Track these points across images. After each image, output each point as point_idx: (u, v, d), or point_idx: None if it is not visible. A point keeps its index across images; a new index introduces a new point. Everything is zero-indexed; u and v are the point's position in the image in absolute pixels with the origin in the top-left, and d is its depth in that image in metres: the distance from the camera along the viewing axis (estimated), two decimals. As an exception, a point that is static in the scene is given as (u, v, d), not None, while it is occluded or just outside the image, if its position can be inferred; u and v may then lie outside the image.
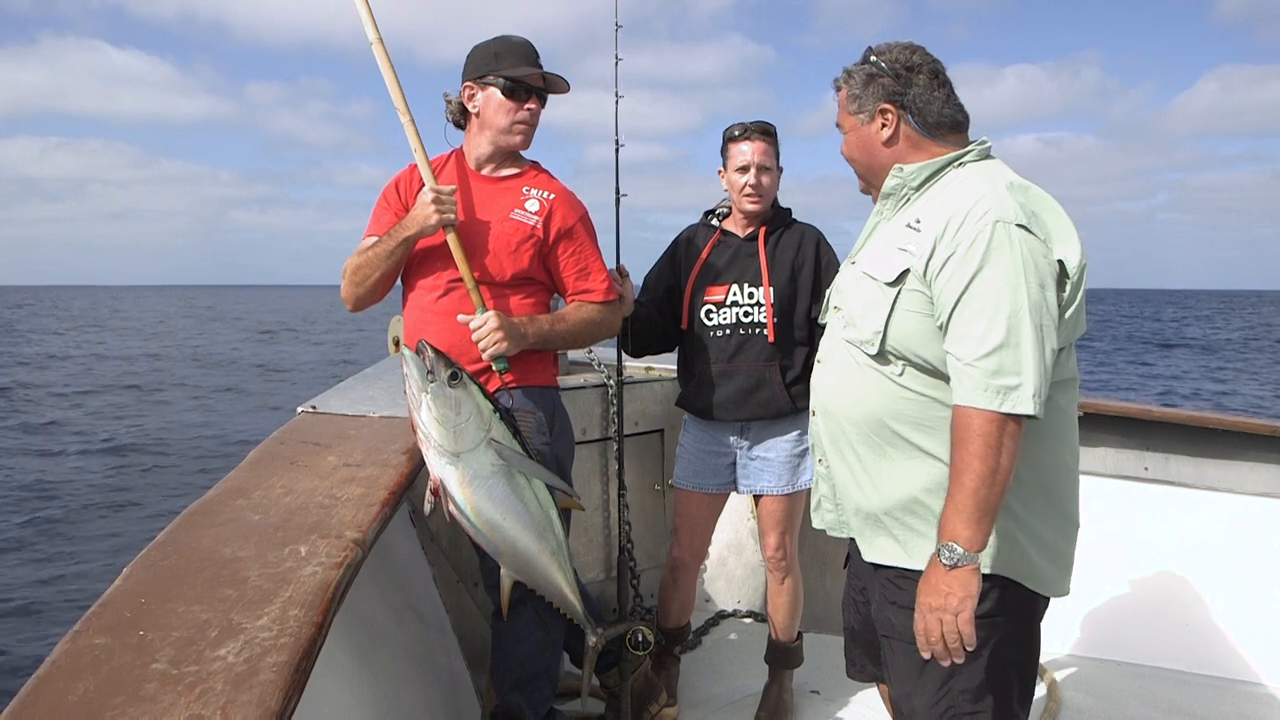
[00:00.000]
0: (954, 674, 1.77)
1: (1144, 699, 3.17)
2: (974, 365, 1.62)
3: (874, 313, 1.79)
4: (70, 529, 8.94)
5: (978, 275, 1.64)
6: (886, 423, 1.80)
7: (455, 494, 2.05)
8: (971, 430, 1.62)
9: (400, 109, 2.42)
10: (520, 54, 2.45)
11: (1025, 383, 1.60)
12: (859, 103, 1.88)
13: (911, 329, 1.74)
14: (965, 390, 1.64)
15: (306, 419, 2.62)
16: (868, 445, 1.84)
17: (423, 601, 2.84)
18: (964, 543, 1.62)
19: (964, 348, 1.65)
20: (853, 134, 1.92)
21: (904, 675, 1.86)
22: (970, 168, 1.83)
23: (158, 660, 1.28)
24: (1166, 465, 3.56)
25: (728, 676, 3.30)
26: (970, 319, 1.64)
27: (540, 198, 2.49)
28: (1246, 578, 3.38)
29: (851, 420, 1.85)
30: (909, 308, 1.74)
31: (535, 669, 2.42)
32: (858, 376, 1.84)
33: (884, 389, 1.80)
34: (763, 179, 2.80)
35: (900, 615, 1.82)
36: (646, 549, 3.51)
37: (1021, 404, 1.60)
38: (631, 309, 2.81)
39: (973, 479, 1.61)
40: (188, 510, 1.82)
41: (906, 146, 1.87)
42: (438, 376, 1.98)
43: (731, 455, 2.92)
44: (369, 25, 2.40)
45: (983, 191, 1.72)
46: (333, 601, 1.50)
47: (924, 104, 1.84)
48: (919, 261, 1.72)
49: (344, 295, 2.51)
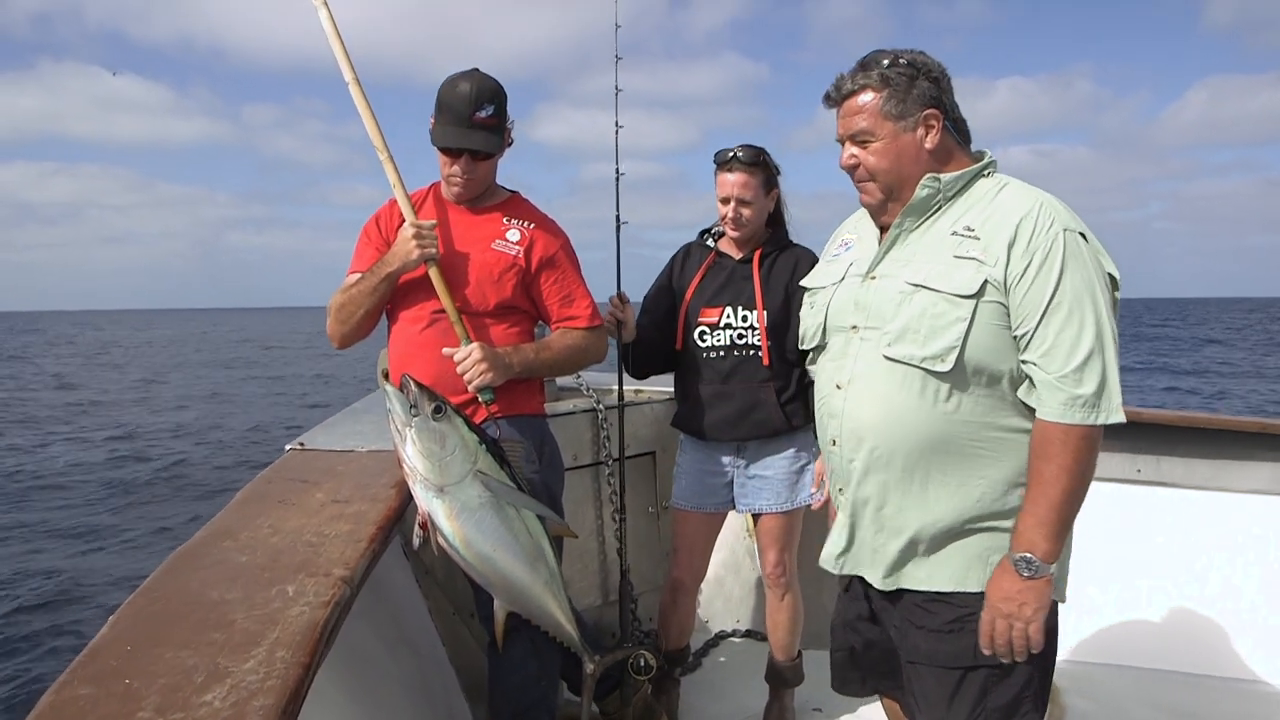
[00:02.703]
0: (987, 693, 1.77)
1: (1147, 702, 3.16)
2: (1065, 378, 1.62)
3: (945, 327, 1.69)
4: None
5: (1060, 284, 1.63)
6: (938, 447, 1.73)
7: (444, 527, 2.05)
8: (1064, 445, 1.62)
9: (379, 147, 2.43)
10: (452, 114, 2.38)
11: (1114, 391, 1.62)
12: (902, 107, 1.74)
13: (990, 342, 1.69)
14: (1055, 405, 1.63)
15: (295, 456, 2.62)
16: (913, 472, 1.76)
17: (418, 634, 2.82)
18: (1041, 555, 1.64)
19: (1053, 360, 1.63)
20: (888, 142, 1.77)
21: (936, 701, 1.82)
22: (997, 176, 1.81)
23: (144, 709, 1.27)
24: (1158, 466, 3.57)
25: (728, 697, 3.28)
26: (1059, 328, 1.63)
27: (521, 227, 2.50)
28: (1243, 576, 3.38)
29: (899, 448, 1.75)
30: (991, 320, 1.68)
31: (532, 699, 2.41)
32: (907, 399, 1.73)
33: (936, 413, 1.72)
34: (742, 211, 2.79)
35: (930, 640, 1.80)
36: (642, 572, 3.50)
37: (1114, 413, 1.62)
38: (634, 334, 2.82)
39: (1059, 493, 1.62)
40: (174, 554, 1.82)
41: (945, 155, 1.79)
42: (421, 410, 1.98)
43: (729, 474, 2.92)
44: (345, 67, 2.43)
45: (1038, 199, 1.70)
46: (320, 641, 1.49)
47: (957, 111, 1.81)
48: (996, 270, 1.66)
49: (330, 333, 2.51)
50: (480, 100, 2.38)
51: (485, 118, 2.39)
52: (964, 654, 1.76)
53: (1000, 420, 1.72)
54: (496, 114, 2.41)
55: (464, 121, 2.38)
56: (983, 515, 1.74)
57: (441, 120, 2.41)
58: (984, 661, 1.75)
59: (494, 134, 2.42)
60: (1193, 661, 3.35)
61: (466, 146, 2.39)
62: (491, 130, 2.42)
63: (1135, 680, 3.31)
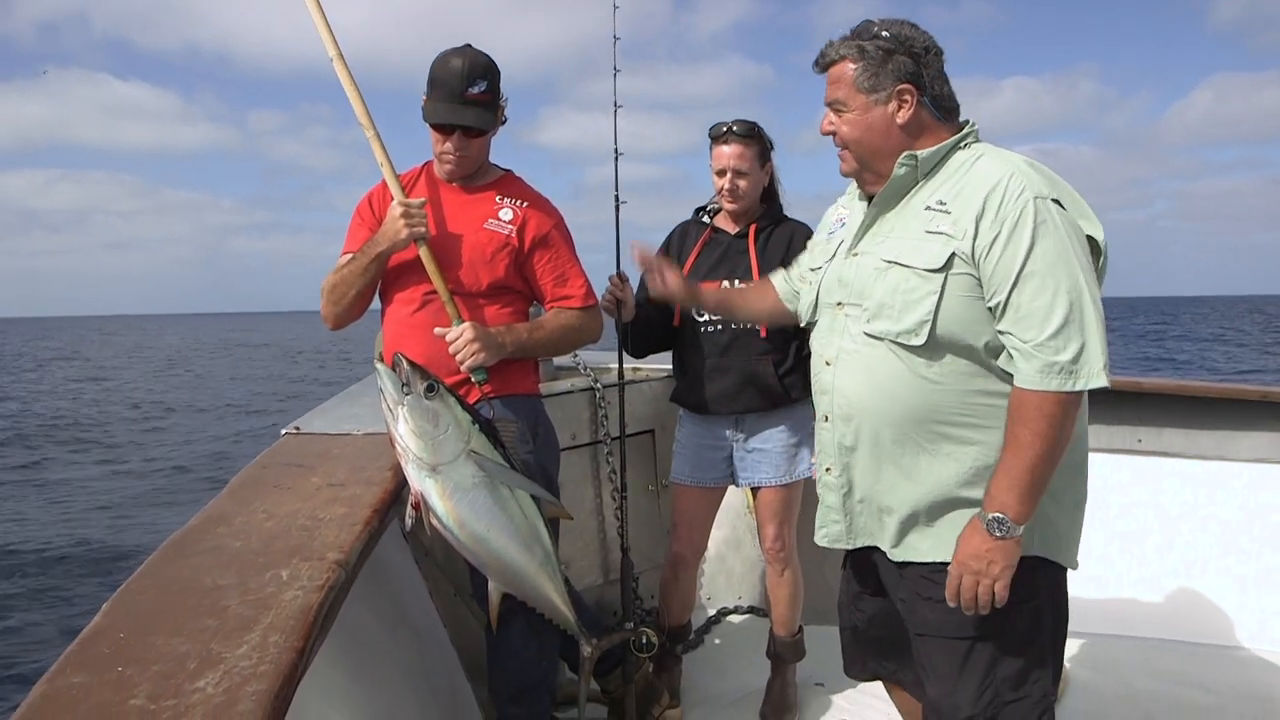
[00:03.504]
0: (996, 663, 1.77)
1: (1151, 671, 3.16)
2: (1042, 346, 1.61)
3: (916, 301, 1.71)
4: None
5: (1031, 252, 1.62)
6: (925, 418, 1.75)
7: (437, 507, 2.04)
8: (1039, 410, 1.62)
9: (364, 124, 2.40)
10: (445, 89, 2.34)
11: (1094, 356, 1.61)
12: (875, 80, 1.76)
13: (962, 314, 1.70)
14: (1031, 372, 1.63)
15: (290, 440, 2.61)
16: (903, 445, 1.78)
17: (419, 616, 2.82)
18: (1014, 516, 1.64)
19: (1027, 328, 1.63)
20: (860, 114, 1.79)
21: (945, 674, 1.82)
22: (974, 147, 1.80)
23: (136, 696, 1.26)
24: (1159, 437, 3.56)
25: (730, 673, 3.28)
26: (1032, 296, 1.62)
27: (514, 206, 2.47)
28: (1245, 544, 3.37)
29: (887, 421, 1.78)
30: (961, 292, 1.69)
31: (532, 680, 2.41)
32: (890, 373, 1.76)
33: (920, 384, 1.74)
34: (739, 182, 2.78)
35: (937, 611, 1.79)
36: (642, 550, 3.49)
37: (1095, 378, 1.61)
38: (633, 313, 2.80)
39: (1033, 457, 1.62)
40: (167, 541, 1.81)
41: (920, 131, 1.79)
42: (413, 389, 1.97)
43: (728, 448, 2.92)
44: (329, 42, 2.39)
45: (1009, 168, 1.69)
46: (314, 625, 1.48)
47: (939, 87, 1.79)
48: (964, 244, 1.67)
49: (323, 314, 2.50)
50: (473, 76, 2.34)
51: (478, 94, 2.35)
52: (971, 624, 1.76)
53: (986, 387, 1.73)
54: (489, 90, 2.38)
55: (457, 97, 2.34)
56: (980, 482, 1.73)
57: (433, 96, 2.37)
58: (990, 632, 1.75)
59: (487, 110, 2.39)
60: (1195, 631, 3.35)
61: (459, 123, 2.36)
62: (485, 106, 2.38)
63: (1138, 649, 3.31)
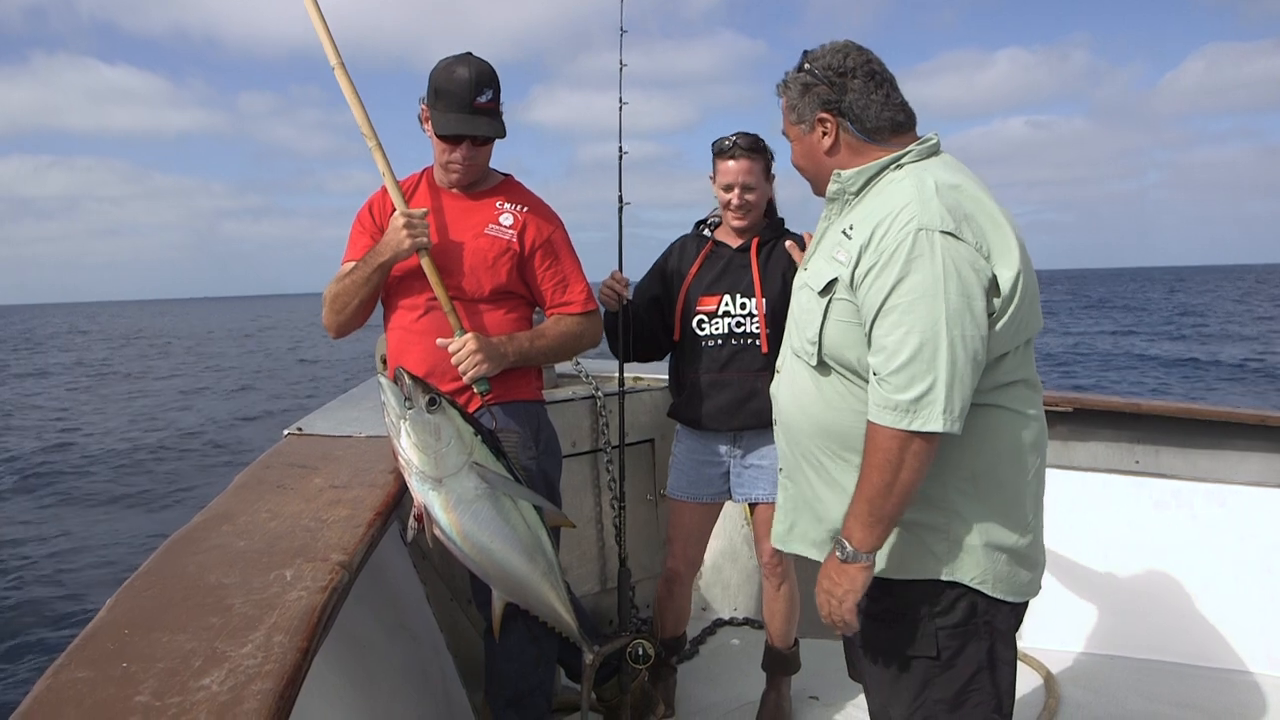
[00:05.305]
0: (928, 684, 1.77)
1: (1144, 693, 3.17)
2: (885, 380, 1.63)
3: (809, 321, 1.80)
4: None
5: (897, 286, 1.63)
6: (832, 434, 1.80)
7: (441, 520, 2.04)
8: (875, 443, 1.64)
9: (366, 134, 2.41)
10: (454, 100, 2.36)
11: (936, 400, 1.59)
12: (798, 112, 1.86)
13: (841, 338, 1.74)
14: (873, 405, 1.65)
15: (292, 441, 2.62)
16: (824, 457, 1.83)
17: (416, 620, 2.82)
18: (856, 542, 1.68)
19: (878, 360, 1.65)
20: (797, 143, 1.91)
21: (879, 686, 1.86)
22: (907, 169, 1.78)
23: (141, 693, 1.27)
24: (1157, 458, 3.56)
25: (725, 685, 3.28)
26: (887, 331, 1.64)
27: (515, 211, 2.49)
28: (1241, 567, 3.38)
29: (805, 434, 1.86)
30: (839, 317, 1.74)
31: (528, 686, 2.41)
32: (803, 387, 1.85)
33: (826, 400, 1.80)
34: (747, 197, 2.79)
35: (871, 626, 1.82)
36: (640, 559, 3.50)
37: (931, 421, 1.59)
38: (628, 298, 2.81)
39: (869, 489, 1.65)
40: (172, 538, 1.82)
41: (848, 153, 1.84)
42: (415, 403, 1.98)
43: (725, 464, 2.92)
44: (330, 51, 2.40)
45: (909, 197, 1.69)
46: (318, 626, 1.49)
47: (861, 109, 1.80)
48: (845, 270, 1.72)
49: (325, 323, 2.50)
50: (480, 85, 2.36)
51: (486, 102, 2.37)
52: (898, 643, 1.78)
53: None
54: (495, 98, 2.40)
55: (466, 107, 2.36)
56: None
57: (441, 108, 2.38)
58: (921, 653, 1.76)
59: (496, 118, 2.42)
60: (1189, 652, 3.35)
61: (473, 133, 2.38)
62: (493, 114, 2.41)
63: (1131, 670, 3.31)
